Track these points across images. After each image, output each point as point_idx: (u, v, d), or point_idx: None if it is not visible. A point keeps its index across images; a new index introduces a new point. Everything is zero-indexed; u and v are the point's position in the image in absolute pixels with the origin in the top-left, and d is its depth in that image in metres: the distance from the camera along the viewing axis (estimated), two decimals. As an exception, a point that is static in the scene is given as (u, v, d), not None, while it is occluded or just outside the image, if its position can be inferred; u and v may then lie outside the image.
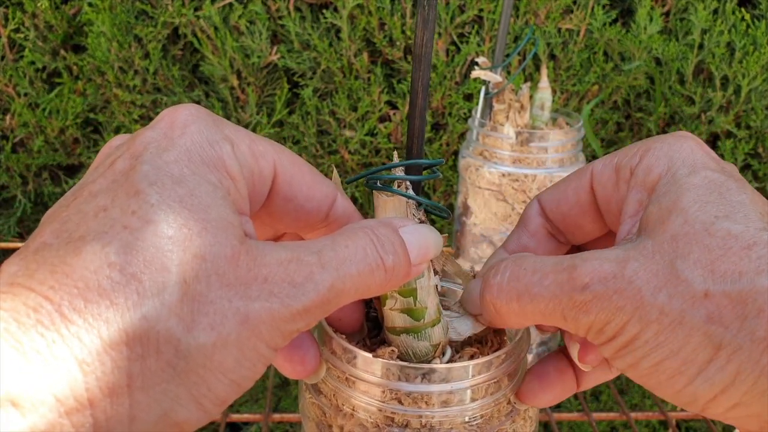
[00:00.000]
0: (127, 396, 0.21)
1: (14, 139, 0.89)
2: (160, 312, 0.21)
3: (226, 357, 0.23)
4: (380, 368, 0.29)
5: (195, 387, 0.22)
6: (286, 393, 1.02)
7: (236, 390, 0.24)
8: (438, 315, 0.31)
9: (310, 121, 0.87)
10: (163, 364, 0.21)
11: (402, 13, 0.84)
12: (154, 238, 0.22)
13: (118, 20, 0.82)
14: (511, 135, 0.60)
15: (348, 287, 0.26)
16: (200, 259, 0.23)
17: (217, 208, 0.24)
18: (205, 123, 0.26)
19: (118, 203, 0.23)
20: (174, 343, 0.22)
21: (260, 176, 0.28)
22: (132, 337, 0.21)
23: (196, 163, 0.25)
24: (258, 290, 0.23)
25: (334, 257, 0.26)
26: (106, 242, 0.22)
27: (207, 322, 0.22)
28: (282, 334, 0.24)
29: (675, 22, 0.88)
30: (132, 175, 0.24)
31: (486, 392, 0.30)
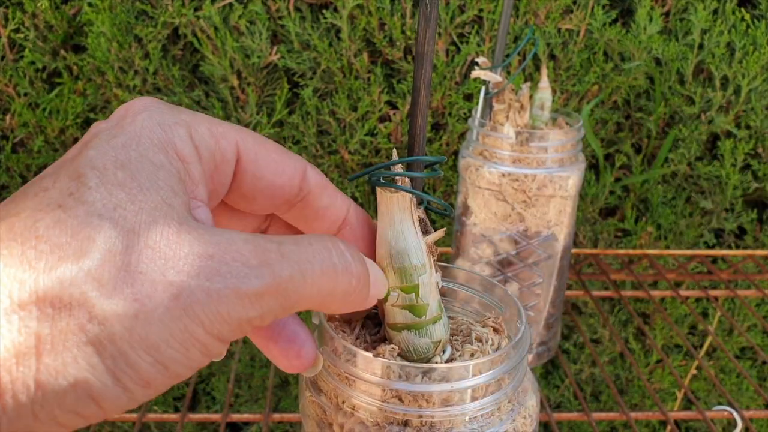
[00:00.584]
0: (35, 358, 0.20)
1: (14, 139, 0.89)
2: (77, 275, 0.21)
3: (149, 333, 0.21)
4: (380, 367, 0.29)
5: (111, 359, 0.21)
6: (286, 393, 1.02)
7: (164, 373, 0.22)
8: (440, 312, 0.31)
9: (310, 121, 0.87)
10: (75, 327, 0.20)
11: (402, 13, 0.84)
12: (86, 216, 0.22)
13: (118, 20, 0.82)
14: (511, 135, 0.60)
15: (308, 284, 0.24)
16: (133, 234, 0.22)
17: (158, 190, 0.24)
18: (158, 110, 0.26)
19: (59, 185, 0.23)
20: (88, 307, 0.20)
21: (222, 156, 0.27)
22: (42, 297, 0.20)
23: (144, 146, 0.25)
24: (199, 268, 0.22)
25: (296, 251, 0.24)
26: (38, 219, 0.21)
27: (130, 291, 0.21)
28: (226, 321, 0.22)
29: (675, 22, 0.88)
30: (77, 160, 0.24)
31: (486, 391, 0.30)
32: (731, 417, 0.64)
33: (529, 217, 0.62)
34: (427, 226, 0.32)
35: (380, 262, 0.31)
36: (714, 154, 0.94)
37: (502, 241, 0.63)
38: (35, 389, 0.20)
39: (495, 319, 0.34)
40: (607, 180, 0.93)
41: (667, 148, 0.91)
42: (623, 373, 1.04)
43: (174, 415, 0.64)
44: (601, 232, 0.96)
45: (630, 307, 0.82)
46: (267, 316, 0.24)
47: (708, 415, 0.64)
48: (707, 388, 1.04)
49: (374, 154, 0.90)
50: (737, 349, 1.03)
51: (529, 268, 0.64)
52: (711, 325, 0.99)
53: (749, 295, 0.85)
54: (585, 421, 1.02)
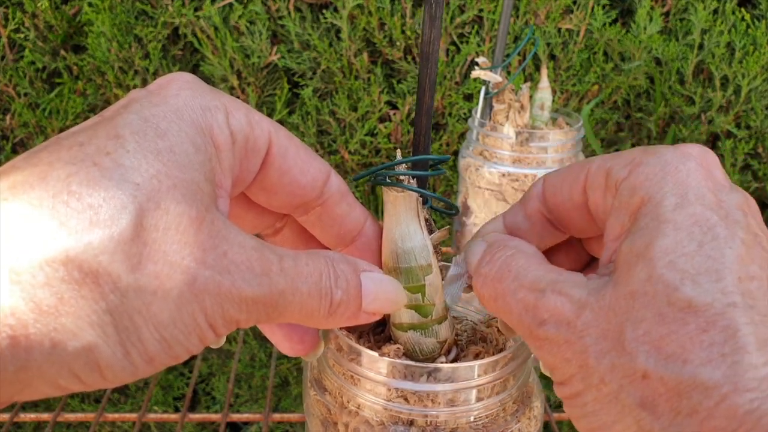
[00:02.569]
0: (54, 317, 0.20)
1: (14, 139, 0.88)
2: (108, 244, 0.21)
3: (162, 310, 0.22)
4: (386, 367, 0.29)
5: (125, 331, 0.21)
6: (286, 393, 1.02)
7: (166, 351, 0.22)
8: (445, 312, 0.31)
9: (310, 121, 0.87)
10: (97, 295, 0.21)
11: (402, 13, 0.84)
12: (121, 181, 0.22)
13: (118, 20, 0.82)
14: (511, 135, 0.60)
15: (295, 302, 0.25)
16: (163, 211, 0.22)
17: (193, 170, 0.24)
18: (201, 90, 0.26)
19: (95, 142, 0.22)
20: (114, 278, 0.21)
21: (254, 144, 0.28)
22: (72, 259, 0.20)
23: (186, 123, 0.25)
24: (214, 261, 0.23)
25: (293, 268, 0.25)
26: (72, 172, 0.21)
27: (153, 269, 0.21)
28: (223, 316, 0.23)
29: (675, 22, 0.88)
30: (116, 120, 0.23)
31: (491, 392, 0.30)
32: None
33: (529, 217, 0.61)
34: (432, 226, 0.32)
35: (386, 262, 0.31)
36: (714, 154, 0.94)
37: (503, 241, 0.63)
38: (50, 347, 0.20)
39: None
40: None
41: (666, 148, 0.91)
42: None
43: (174, 415, 0.64)
44: (600, 232, 0.96)
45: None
46: (252, 320, 0.25)
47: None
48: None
49: (374, 154, 0.90)
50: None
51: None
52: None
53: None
54: (585, 421, 1.02)
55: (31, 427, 1.04)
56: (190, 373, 1.03)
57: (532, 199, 0.31)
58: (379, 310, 0.29)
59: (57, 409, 0.63)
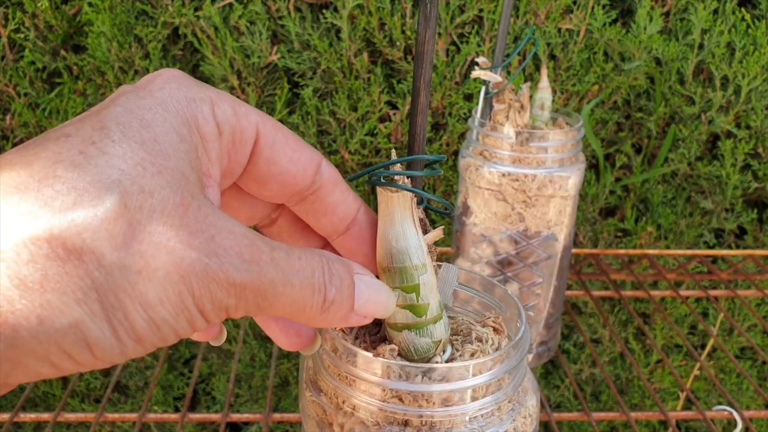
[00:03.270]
0: (39, 294, 0.20)
1: (14, 139, 0.89)
2: (92, 222, 0.21)
3: (148, 289, 0.22)
4: (380, 367, 0.29)
5: (111, 309, 0.21)
6: (286, 393, 1.02)
7: (155, 331, 0.23)
8: (440, 311, 0.31)
9: (310, 121, 0.87)
10: (82, 272, 0.21)
11: (402, 13, 0.84)
12: (106, 167, 0.22)
13: (118, 20, 0.82)
14: (511, 135, 0.60)
15: (285, 294, 0.25)
16: (147, 194, 0.22)
17: (178, 159, 0.24)
18: (187, 83, 0.27)
19: (81, 133, 0.23)
20: (98, 256, 0.21)
21: (242, 135, 0.28)
22: (56, 237, 0.20)
23: (170, 114, 0.25)
24: (201, 243, 0.23)
25: (285, 260, 0.25)
26: (58, 160, 0.22)
27: (138, 248, 0.22)
28: (211, 300, 0.23)
29: (675, 22, 0.88)
30: (103, 113, 0.24)
31: (486, 391, 0.30)
32: (731, 417, 0.64)
33: (529, 217, 0.62)
34: (426, 226, 0.32)
35: (381, 262, 0.31)
36: (714, 154, 0.94)
37: (502, 241, 0.63)
38: (37, 323, 0.20)
39: (495, 318, 0.34)
40: (607, 180, 0.93)
41: (667, 148, 0.91)
42: (623, 373, 1.04)
43: (174, 415, 0.64)
44: (601, 232, 0.96)
45: (630, 307, 0.82)
46: (242, 308, 0.25)
47: (708, 415, 0.64)
48: (707, 388, 1.04)
49: (374, 154, 0.90)
50: (737, 349, 1.03)
51: (529, 268, 0.64)
52: (713, 326, 0.99)
53: (749, 295, 0.85)
54: (585, 421, 1.02)
55: (31, 427, 1.04)
56: (190, 373, 1.03)
57: None
58: (370, 314, 0.29)
59: (57, 409, 0.63)
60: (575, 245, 0.95)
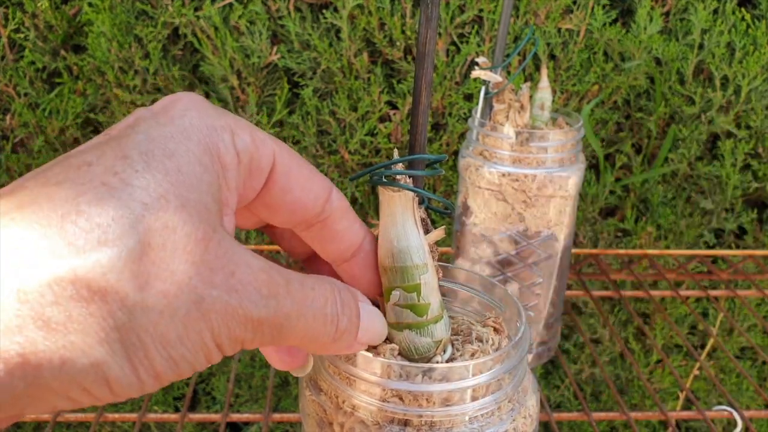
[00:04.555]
0: (62, 335, 0.20)
1: (14, 139, 0.89)
2: (116, 263, 0.21)
3: (170, 329, 0.22)
4: (380, 366, 0.29)
5: (133, 348, 0.22)
6: (286, 393, 1.03)
7: (173, 368, 0.23)
8: (441, 311, 0.31)
9: (310, 121, 0.87)
10: (105, 313, 0.21)
11: (402, 13, 0.84)
12: (130, 200, 0.22)
13: (118, 20, 0.82)
14: (511, 135, 0.60)
15: (299, 327, 0.26)
16: (170, 231, 0.22)
17: (200, 191, 0.24)
18: (207, 110, 0.26)
19: (103, 162, 0.23)
20: (122, 297, 0.21)
21: (259, 163, 0.28)
22: (81, 278, 0.20)
23: (193, 143, 0.25)
24: (222, 280, 0.23)
25: (300, 291, 0.26)
26: (80, 192, 0.22)
27: (161, 288, 0.22)
28: (229, 336, 0.24)
29: (675, 22, 0.88)
30: (124, 141, 0.24)
31: (487, 391, 0.30)
32: (731, 417, 0.64)
33: (529, 217, 0.61)
34: (427, 226, 0.32)
35: (382, 261, 0.31)
36: (714, 154, 0.94)
37: (502, 241, 0.63)
38: (59, 364, 0.20)
39: (495, 318, 0.34)
40: (607, 180, 0.93)
41: (667, 148, 0.91)
42: (623, 373, 1.04)
43: (174, 415, 0.64)
44: (601, 232, 0.96)
45: (630, 307, 0.82)
46: (257, 341, 0.25)
47: (708, 415, 0.64)
48: (707, 388, 1.04)
49: (374, 154, 0.90)
50: (737, 349, 1.03)
51: (529, 268, 0.64)
52: (713, 326, 0.99)
53: (749, 295, 0.85)
54: (585, 421, 1.02)
55: (31, 427, 1.04)
56: (190, 373, 1.02)
57: None
58: (368, 342, 0.30)
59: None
60: (575, 245, 0.95)
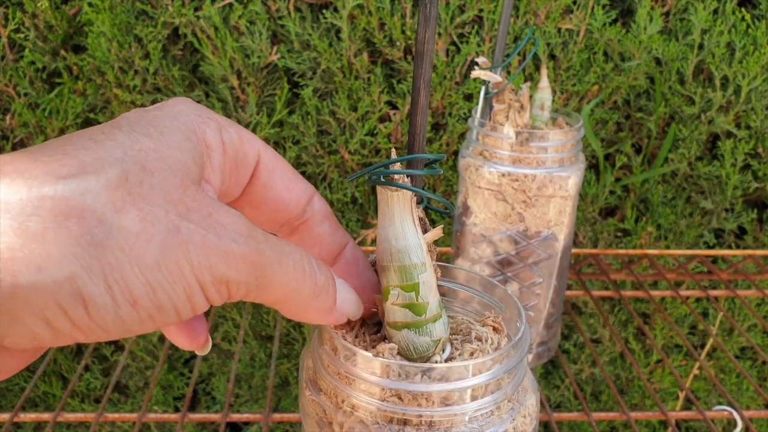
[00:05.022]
0: (40, 244, 0.21)
1: (14, 139, 0.89)
2: (94, 187, 0.22)
3: (146, 252, 0.23)
4: (380, 366, 0.29)
5: (108, 267, 0.22)
6: (286, 393, 1.03)
7: (150, 295, 0.23)
8: (440, 310, 0.31)
9: (310, 121, 0.87)
10: (83, 228, 0.22)
11: (402, 13, 0.84)
12: (113, 148, 0.24)
13: (118, 20, 0.82)
14: (511, 135, 0.60)
15: (281, 273, 0.26)
16: (149, 173, 0.24)
17: (182, 151, 0.26)
18: (197, 107, 0.28)
19: (94, 129, 0.25)
20: (98, 215, 0.22)
21: (244, 158, 0.29)
22: (59, 196, 0.22)
23: (179, 122, 0.27)
24: (199, 218, 0.24)
25: (277, 242, 0.26)
26: (68, 142, 0.24)
27: (137, 214, 0.23)
28: (211, 271, 0.24)
29: (675, 22, 0.88)
30: (117, 119, 0.26)
31: (486, 391, 0.30)
32: (731, 417, 0.64)
33: (529, 217, 0.61)
34: (426, 225, 0.32)
35: (380, 261, 0.31)
36: (714, 154, 0.94)
37: (502, 241, 0.63)
38: (36, 272, 0.21)
39: (495, 318, 0.34)
40: (607, 180, 0.93)
41: (667, 148, 0.91)
42: (623, 373, 1.04)
43: (174, 415, 0.64)
44: (601, 232, 0.96)
45: (630, 307, 0.82)
46: (241, 285, 0.25)
47: (708, 415, 0.64)
48: (707, 388, 1.04)
49: (374, 154, 0.90)
50: (737, 349, 1.03)
51: (529, 268, 0.64)
52: (713, 325, 0.99)
53: (749, 295, 0.85)
54: (585, 421, 1.02)
55: (31, 427, 1.04)
56: (190, 373, 1.03)
57: None
58: (347, 313, 0.30)
59: (57, 409, 0.63)
60: (575, 245, 0.95)
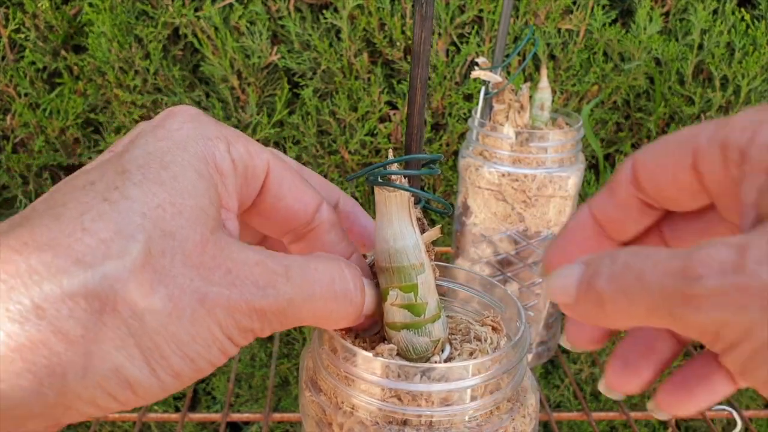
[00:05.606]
0: (82, 345, 0.22)
1: (15, 139, 0.89)
2: (121, 274, 0.23)
3: (179, 329, 0.24)
4: (379, 366, 0.29)
5: (148, 351, 0.23)
6: (286, 393, 1.03)
7: (191, 366, 0.25)
8: (438, 311, 0.31)
9: (311, 122, 0.87)
10: (118, 321, 0.23)
11: (402, 13, 0.84)
12: (129, 212, 0.24)
13: (118, 20, 0.82)
14: (510, 135, 0.60)
15: (306, 308, 0.27)
16: (169, 237, 0.24)
17: (197, 196, 0.25)
18: (203, 122, 0.28)
19: (105, 179, 0.25)
20: (130, 304, 0.23)
21: (254, 172, 0.29)
22: (91, 291, 0.22)
23: (188, 153, 0.26)
24: (220, 278, 0.25)
25: (301, 276, 0.27)
26: (84, 211, 0.23)
27: (165, 292, 0.23)
28: (237, 327, 0.25)
29: (675, 22, 0.88)
30: (124, 156, 0.26)
31: (485, 391, 0.30)
32: (731, 417, 0.64)
33: (528, 217, 0.62)
34: (424, 225, 0.32)
35: (378, 261, 0.31)
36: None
37: (502, 241, 0.63)
38: (82, 372, 0.22)
39: (494, 318, 0.34)
40: (606, 180, 0.92)
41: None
42: (623, 373, 1.04)
43: (174, 415, 0.64)
44: (601, 232, 0.96)
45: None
46: (267, 329, 0.27)
47: (708, 414, 0.64)
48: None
49: (374, 154, 0.90)
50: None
51: (529, 268, 0.64)
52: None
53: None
54: (585, 421, 1.02)
55: (33, 427, 1.04)
56: (190, 373, 1.02)
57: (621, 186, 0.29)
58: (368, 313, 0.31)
59: (57, 408, 0.63)
60: (575, 245, 0.95)
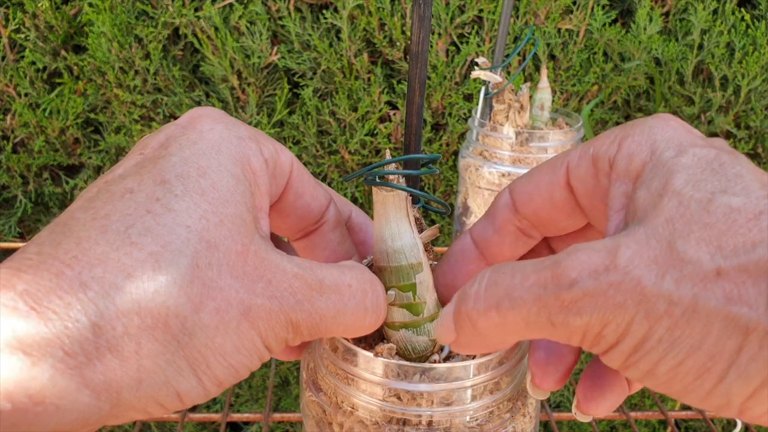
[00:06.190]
0: (135, 361, 0.23)
1: (15, 139, 0.89)
2: (172, 290, 0.23)
3: (225, 341, 0.25)
4: (380, 366, 0.29)
5: (196, 363, 0.24)
6: (287, 393, 1.03)
7: (233, 374, 0.26)
8: (437, 310, 0.31)
9: (311, 122, 0.87)
10: (169, 336, 0.23)
11: (402, 13, 0.84)
12: (174, 225, 0.24)
13: (118, 20, 0.82)
14: (510, 135, 0.60)
15: (338, 322, 0.28)
16: (214, 249, 0.25)
17: (235, 204, 0.26)
18: (232, 122, 0.29)
19: (144, 188, 0.25)
20: (181, 320, 0.24)
21: (282, 170, 0.30)
22: (144, 308, 0.23)
23: (223, 156, 0.27)
24: (262, 289, 0.26)
25: (335, 291, 0.28)
26: (129, 224, 0.24)
27: (213, 306, 0.24)
28: (275, 337, 0.26)
29: (675, 22, 0.88)
30: (161, 163, 0.26)
31: (486, 391, 0.30)
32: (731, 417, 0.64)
33: (528, 217, 0.61)
34: (422, 225, 0.32)
35: (377, 261, 0.31)
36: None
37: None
38: (136, 386, 0.23)
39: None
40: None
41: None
42: (623, 373, 1.04)
43: (174, 415, 0.64)
44: (601, 232, 0.96)
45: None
46: (298, 339, 0.28)
47: (708, 414, 0.64)
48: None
49: (374, 154, 0.90)
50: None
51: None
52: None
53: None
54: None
55: (33, 427, 1.04)
56: (190, 373, 1.03)
57: (500, 211, 0.32)
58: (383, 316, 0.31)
59: (57, 408, 0.63)
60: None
